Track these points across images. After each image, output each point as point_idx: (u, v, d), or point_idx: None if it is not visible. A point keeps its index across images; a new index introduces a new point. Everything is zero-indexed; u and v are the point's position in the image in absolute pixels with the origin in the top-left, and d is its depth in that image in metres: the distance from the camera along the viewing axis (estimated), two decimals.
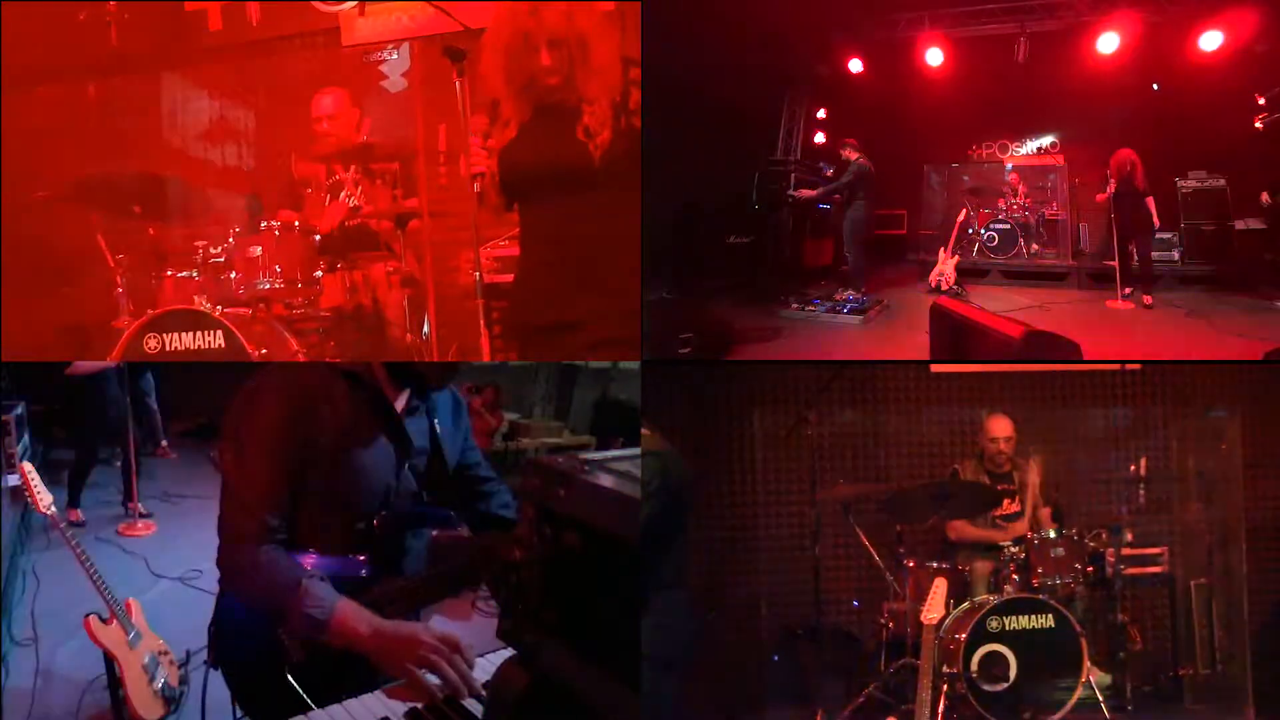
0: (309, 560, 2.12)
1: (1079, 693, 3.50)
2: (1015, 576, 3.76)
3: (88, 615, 3.12)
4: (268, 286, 4.38)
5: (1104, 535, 3.90)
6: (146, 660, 3.19)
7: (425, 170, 4.70)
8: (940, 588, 3.17)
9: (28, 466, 3.26)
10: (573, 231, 2.74)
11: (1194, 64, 6.49)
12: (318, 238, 4.60)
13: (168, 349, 4.22)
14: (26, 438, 6.54)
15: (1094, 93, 7.25)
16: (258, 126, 6.53)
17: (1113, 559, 3.85)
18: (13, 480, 4.64)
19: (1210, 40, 6.27)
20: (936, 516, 3.94)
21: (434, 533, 2.36)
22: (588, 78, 2.71)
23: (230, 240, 4.45)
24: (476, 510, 2.49)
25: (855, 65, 7.46)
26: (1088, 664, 3.53)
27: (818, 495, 3.96)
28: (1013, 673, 3.49)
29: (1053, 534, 3.83)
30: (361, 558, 2.18)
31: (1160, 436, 4.39)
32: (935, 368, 4.47)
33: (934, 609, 3.13)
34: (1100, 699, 3.57)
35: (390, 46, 6.07)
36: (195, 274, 4.47)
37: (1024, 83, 7.35)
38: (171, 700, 3.23)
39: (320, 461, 2.09)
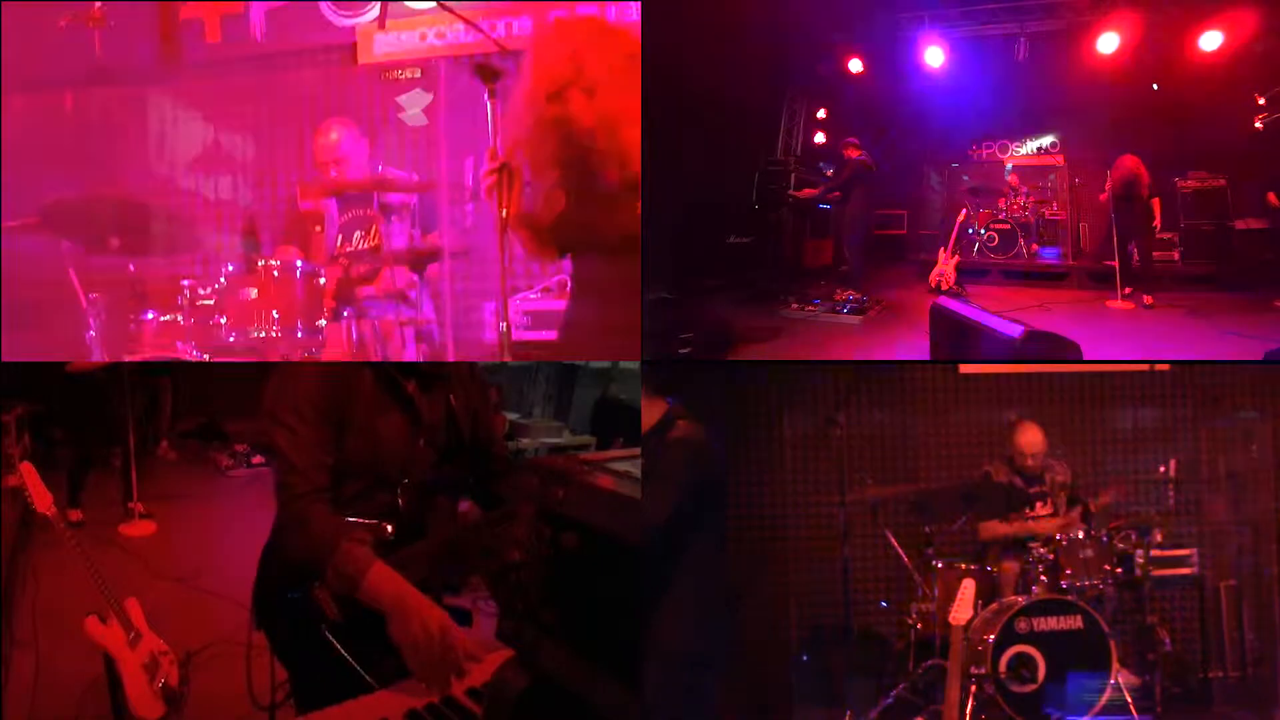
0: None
1: (1108, 694, 3.49)
2: (1044, 577, 3.74)
3: (88, 615, 3.12)
4: (262, 335, 3.89)
5: (1133, 536, 3.86)
6: (146, 660, 3.19)
7: (449, 207, 4.26)
8: (968, 588, 3.15)
9: (28, 466, 3.25)
10: (630, 290, 2.66)
11: (1194, 64, 6.49)
12: (322, 281, 4.10)
13: None
14: (26, 438, 6.54)
15: (1094, 93, 7.25)
16: (257, 154, 5.87)
17: (1142, 560, 3.82)
18: (12, 480, 4.62)
19: (1210, 40, 6.27)
20: (965, 517, 3.93)
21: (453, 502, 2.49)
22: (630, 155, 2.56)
23: (222, 280, 3.96)
24: (485, 488, 2.56)
25: (855, 65, 7.45)
26: (1116, 665, 3.52)
27: (847, 497, 3.95)
28: (1041, 674, 3.47)
29: (1081, 535, 3.81)
30: (389, 525, 2.29)
31: (1190, 437, 4.37)
32: (964, 368, 4.46)
33: (962, 610, 3.11)
34: (1129, 700, 3.55)
35: (413, 67, 5.51)
36: (180, 318, 3.98)
37: (1024, 83, 7.35)
38: (171, 700, 3.23)
39: (350, 440, 2.24)
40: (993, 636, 3.48)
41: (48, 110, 5.83)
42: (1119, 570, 3.81)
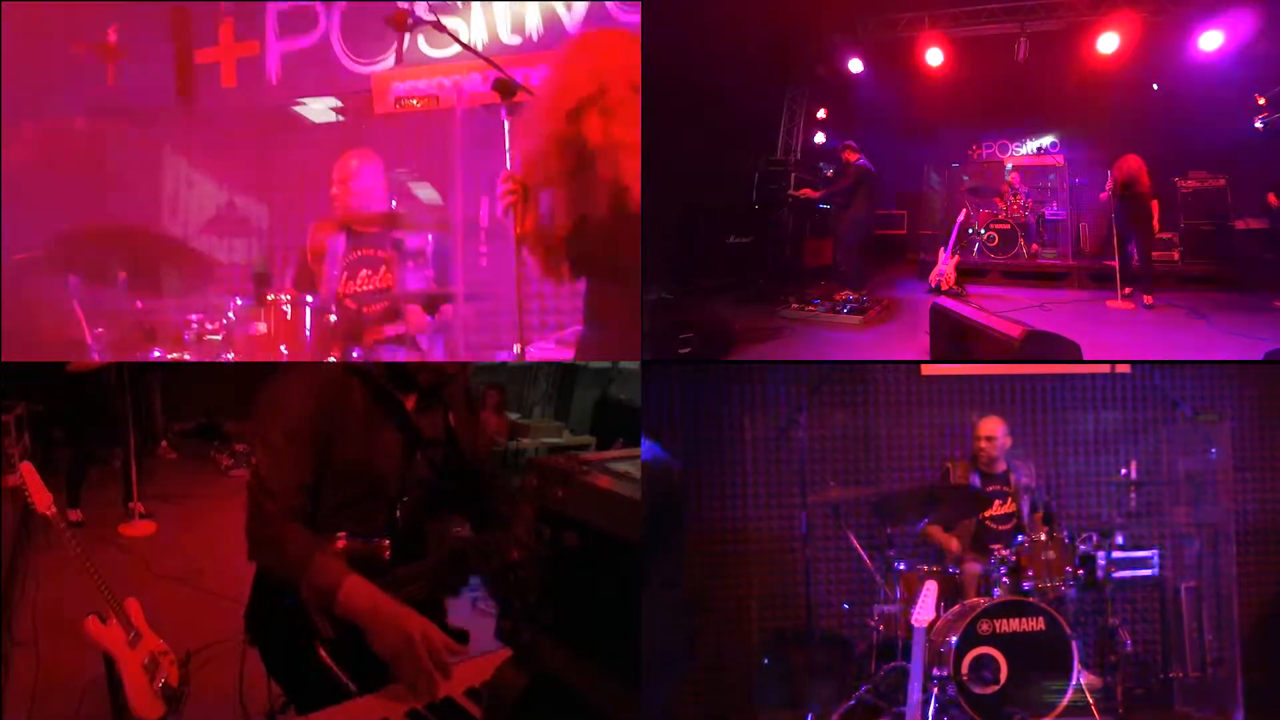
0: (340, 541, 2.25)
1: (1069, 696, 3.50)
2: (1006, 579, 3.76)
3: (88, 615, 3.12)
4: None
5: (1095, 538, 3.90)
6: (146, 660, 3.19)
7: (464, 247, 4.13)
8: (931, 590, 3.18)
9: (28, 466, 3.25)
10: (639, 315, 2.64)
11: (1194, 64, 6.49)
12: (333, 318, 3.97)
13: None
14: (26, 438, 6.54)
15: (1094, 93, 7.25)
16: (271, 210, 5.84)
17: (1103, 562, 3.84)
18: (13, 480, 4.61)
19: (1210, 40, 6.27)
20: (926, 519, 3.94)
21: (453, 529, 2.49)
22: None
23: (230, 316, 3.82)
24: (477, 507, 2.57)
25: (855, 65, 7.46)
26: (1078, 667, 3.54)
27: (808, 499, 3.95)
28: (1003, 675, 3.49)
29: (1044, 537, 3.82)
30: (385, 541, 2.29)
31: (1150, 439, 4.39)
32: (926, 369, 4.46)
33: (924, 612, 3.14)
34: (1090, 701, 3.57)
35: (430, 97, 5.43)
36: (186, 355, 3.84)
37: (1024, 83, 7.35)
38: (171, 700, 3.23)
39: (341, 451, 2.23)
40: (955, 638, 3.49)
41: (56, 138, 5.68)
42: (1080, 572, 3.83)
